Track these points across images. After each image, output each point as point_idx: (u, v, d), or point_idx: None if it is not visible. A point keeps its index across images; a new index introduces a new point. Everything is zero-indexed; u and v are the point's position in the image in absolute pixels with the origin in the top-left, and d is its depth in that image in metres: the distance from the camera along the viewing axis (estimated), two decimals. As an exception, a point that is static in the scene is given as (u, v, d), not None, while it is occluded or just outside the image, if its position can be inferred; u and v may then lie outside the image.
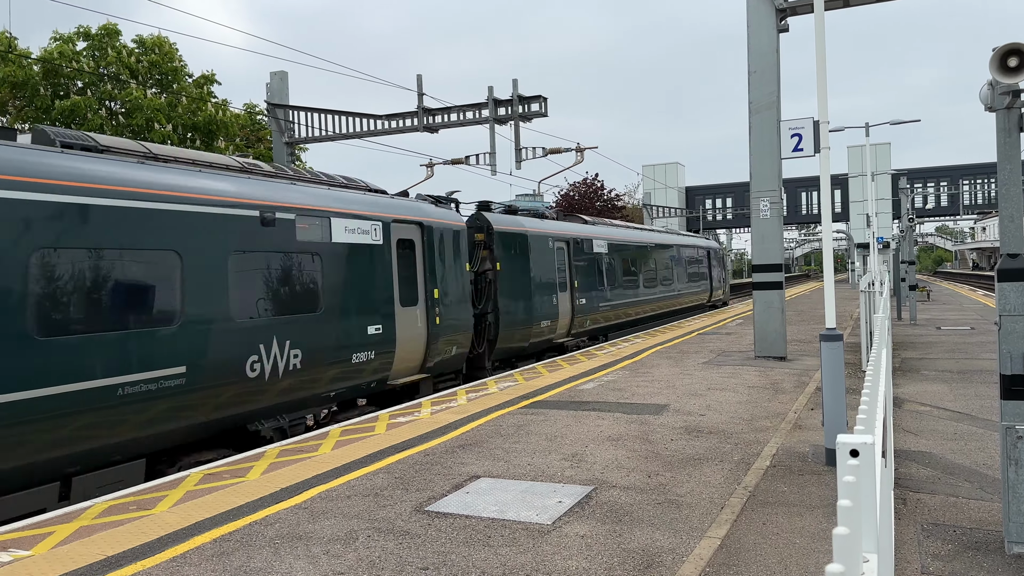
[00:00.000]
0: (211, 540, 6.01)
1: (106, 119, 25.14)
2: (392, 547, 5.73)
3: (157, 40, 26.86)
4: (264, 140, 32.15)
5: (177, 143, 26.02)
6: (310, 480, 7.75)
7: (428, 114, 27.32)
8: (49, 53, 24.94)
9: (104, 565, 5.53)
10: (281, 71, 29.46)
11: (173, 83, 27.04)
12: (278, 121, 29.14)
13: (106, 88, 25.21)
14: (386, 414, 11.57)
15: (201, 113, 26.81)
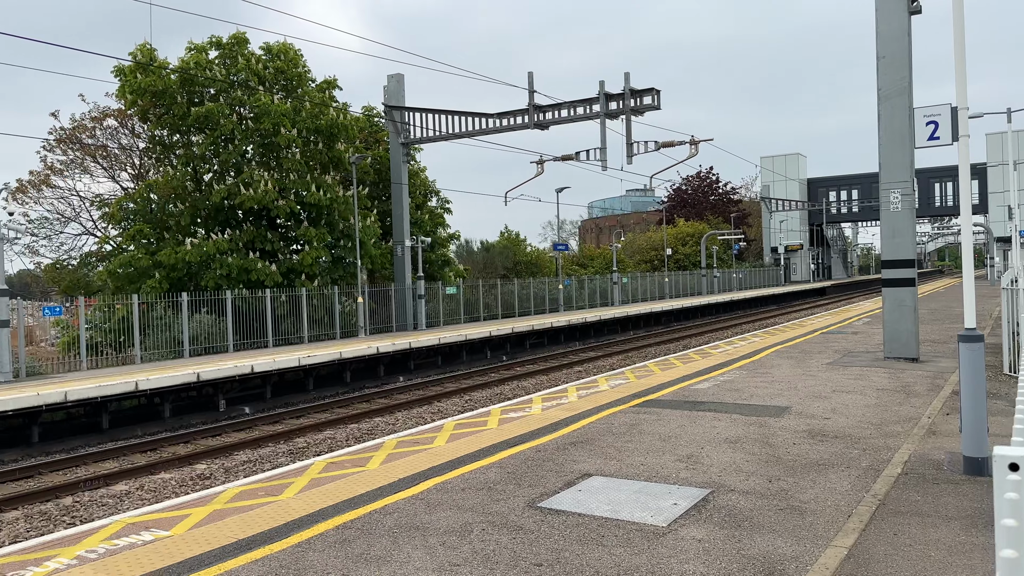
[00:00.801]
0: (334, 527, 6.24)
1: (236, 124, 26.58)
2: (506, 542, 5.76)
3: (283, 47, 28.13)
4: (381, 142, 33.14)
5: (301, 146, 27.20)
6: (426, 472, 7.91)
7: (539, 111, 27.39)
8: (185, 63, 26.60)
9: (235, 548, 5.84)
10: (398, 74, 30.29)
11: (297, 88, 28.25)
12: (394, 123, 29.99)
13: (236, 94, 26.65)
14: (498, 409, 11.69)
15: (323, 117, 27.88)
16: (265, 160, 27.45)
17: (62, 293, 30.16)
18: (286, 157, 26.85)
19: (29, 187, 30.13)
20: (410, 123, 30.02)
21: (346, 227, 28.71)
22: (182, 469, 12.71)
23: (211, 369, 17.90)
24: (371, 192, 31.63)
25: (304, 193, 26.96)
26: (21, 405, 14.30)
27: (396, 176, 30.21)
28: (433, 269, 34.60)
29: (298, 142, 27.04)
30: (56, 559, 5.74)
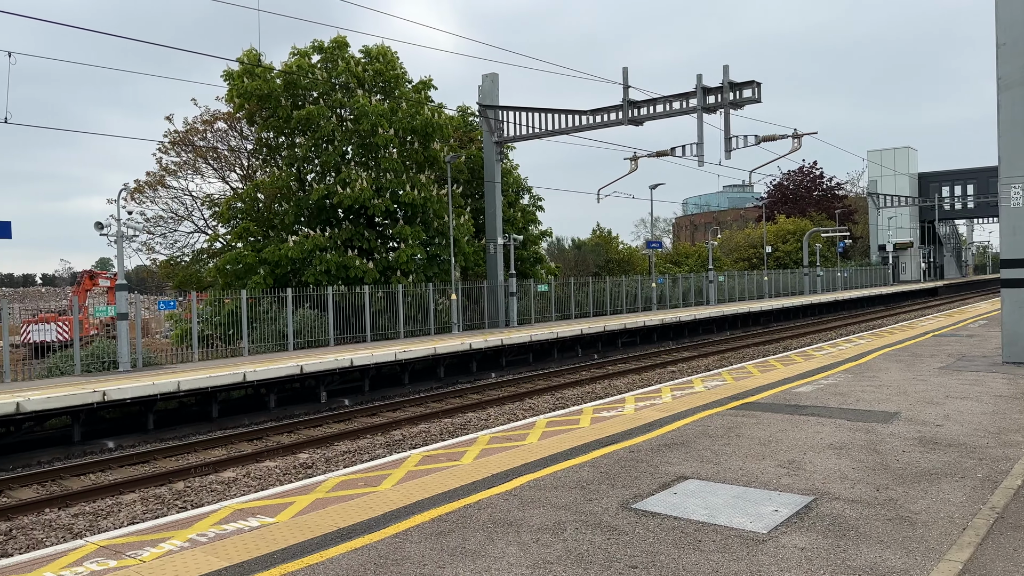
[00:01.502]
0: (430, 519, 6.34)
1: (336, 126, 27.42)
2: (600, 542, 5.72)
3: (381, 50, 28.83)
4: (475, 141, 33.50)
5: (397, 146, 27.81)
6: (519, 468, 7.95)
7: (633, 106, 27.07)
8: (289, 67, 27.63)
9: (336, 536, 6.02)
10: (492, 73, 30.55)
11: (395, 89, 28.91)
12: (489, 121, 30.25)
13: (337, 97, 27.50)
14: (590, 407, 11.62)
15: (419, 117, 28.41)
16: (363, 160, 28.20)
17: (175, 288, 31.90)
18: (383, 157, 27.51)
19: (146, 187, 31.98)
20: (504, 121, 30.22)
21: (440, 225, 29.18)
22: (286, 458, 13.22)
23: (313, 362, 18.55)
24: (465, 190, 32.04)
25: (400, 192, 27.55)
26: (138, 394, 15.21)
27: (489, 174, 30.47)
28: (525, 267, 34.73)
29: (395, 142, 27.66)
30: (170, 541, 6.06)
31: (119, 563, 5.58)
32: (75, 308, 21.07)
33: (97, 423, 15.76)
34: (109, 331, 33.26)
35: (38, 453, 14.10)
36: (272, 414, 17.79)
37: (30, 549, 8.86)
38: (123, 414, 16.34)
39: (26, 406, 13.50)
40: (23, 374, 19.42)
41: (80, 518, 10.00)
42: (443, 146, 29.69)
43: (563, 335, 26.59)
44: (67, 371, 19.21)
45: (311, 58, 28.30)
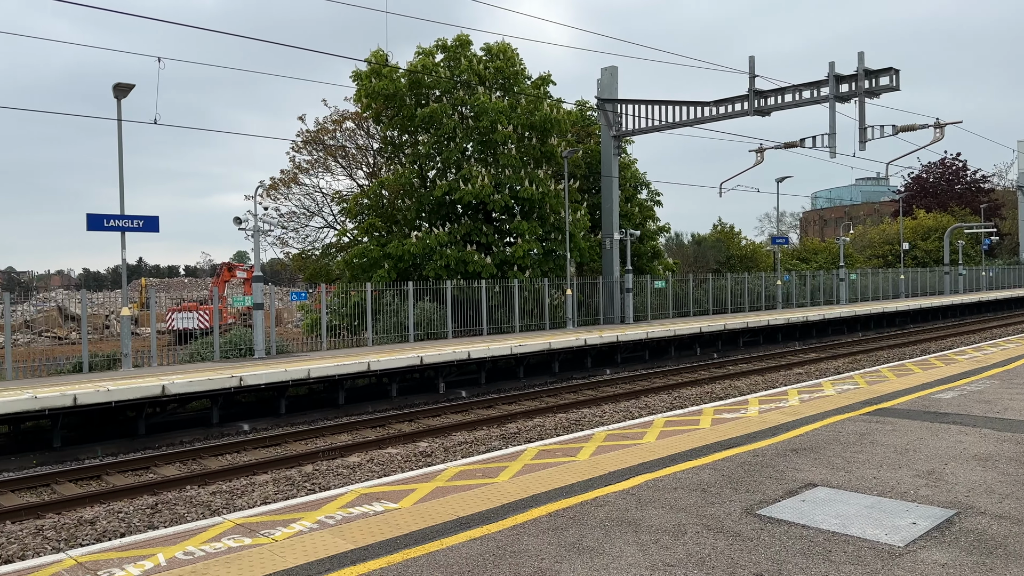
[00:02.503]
0: (547, 514, 6.34)
1: (458, 123, 27.93)
2: (722, 547, 5.54)
3: (501, 47, 29.12)
4: (593, 135, 33.28)
5: (516, 142, 28.02)
6: (636, 467, 7.83)
7: (760, 96, 26.12)
8: (413, 66, 28.35)
9: (456, 524, 6.12)
10: (611, 66, 30.24)
11: (514, 86, 29.12)
12: (607, 115, 29.98)
13: (458, 94, 27.99)
14: (711, 408, 11.31)
15: (537, 113, 28.50)
16: (483, 156, 28.58)
17: (306, 280, 33.46)
18: (502, 153, 27.78)
19: (280, 184, 33.69)
20: (622, 115, 29.86)
21: (557, 220, 29.19)
22: (406, 445, 13.60)
23: (432, 354, 19.00)
24: (581, 185, 31.90)
25: (518, 187, 27.73)
26: (272, 380, 16.05)
27: (606, 169, 30.21)
28: (641, 262, 34.21)
29: (513, 138, 27.87)
30: (300, 522, 6.35)
31: (254, 540, 5.89)
32: (215, 298, 22.48)
33: (234, 406, 16.75)
34: (245, 320, 35.35)
35: (180, 433, 15.14)
36: (394, 403, 18.35)
37: (173, 523, 9.51)
38: (257, 399, 17.29)
39: (170, 389, 14.52)
40: (168, 359, 20.90)
41: (218, 496, 10.65)
42: (560, 141, 29.67)
43: (681, 333, 26.03)
44: (207, 357, 20.52)
45: (435, 57, 28.93)
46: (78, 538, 8.94)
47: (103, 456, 13.64)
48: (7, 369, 17.33)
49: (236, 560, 5.45)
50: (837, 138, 24.38)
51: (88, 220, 18.01)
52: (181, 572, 5.24)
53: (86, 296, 20.29)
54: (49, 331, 45.37)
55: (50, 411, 13.18)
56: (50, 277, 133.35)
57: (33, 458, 13.24)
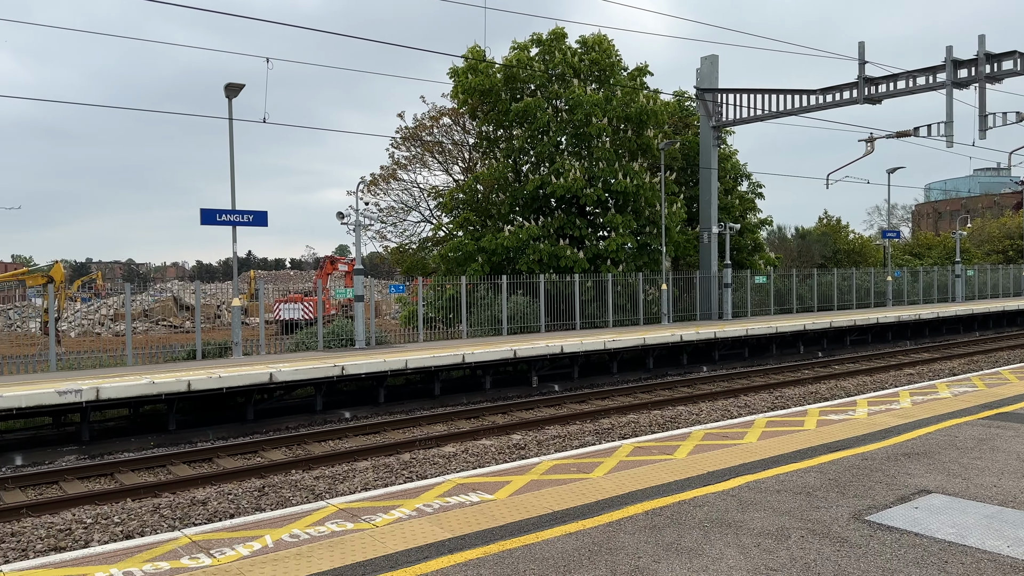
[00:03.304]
0: (643, 512, 6.25)
1: (552, 116, 27.87)
2: (828, 552, 5.32)
3: (597, 39, 28.86)
4: (691, 126, 32.57)
5: (611, 134, 27.73)
6: (736, 468, 7.62)
7: (870, 84, 24.95)
8: (509, 61, 28.46)
9: (551, 518, 6.11)
10: (711, 55, 29.49)
11: (610, 78, 28.82)
12: (706, 105, 29.28)
13: (553, 88, 27.92)
14: (816, 409, 10.89)
15: (633, 104, 28.11)
16: (576, 150, 28.44)
17: (403, 273, 34.19)
18: (596, 146, 27.56)
19: (380, 180, 34.54)
20: (722, 105, 29.10)
21: (652, 214, 28.74)
22: (500, 437, 13.71)
23: (526, 347, 19.07)
24: (678, 178, 31.28)
25: (612, 180, 27.46)
26: (372, 370, 16.48)
27: (705, 160, 29.51)
28: (741, 256, 33.29)
29: (608, 130, 27.59)
30: (399, 509, 6.48)
31: (356, 525, 6.06)
32: (318, 290, 23.28)
33: (336, 394, 17.31)
34: (346, 311, 36.46)
35: (286, 419, 15.76)
36: (487, 395, 18.53)
37: (279, 506, 9.90)
38: (358, 387, 17.81)
39: (277, 377, 15.13)
40: (275, 348, 21.78)
41: (321, 480, 11.02)
42: (657, 132, 29.16)
43: (783, 330, 25.19)
44: (311, 347, 21.27)
45: (530, 51, 28.95)
46: (191, 517, 9.43)
47: (214, 439, 14.36)
48: (127, 355, 18.46)
49: (339, 544, 5.61)
50: (954, 126, 22.98)
51: (202, 215, 18.94)
52: (287, 554, 5.44)
53: (200, 287, 21.37)
54: (165, 320, 48.12)
55: (166, 396, 13.97)
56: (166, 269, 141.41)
57: (151, 440, 14.07)
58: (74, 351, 21.05)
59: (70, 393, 12.84)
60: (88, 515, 9.44)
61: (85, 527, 8.99)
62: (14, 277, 32.60)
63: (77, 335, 41.77)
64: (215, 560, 5.34)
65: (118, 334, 38.91)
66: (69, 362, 18.63)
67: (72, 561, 5.47)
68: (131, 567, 5.26)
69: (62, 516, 9.47)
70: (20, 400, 12.44)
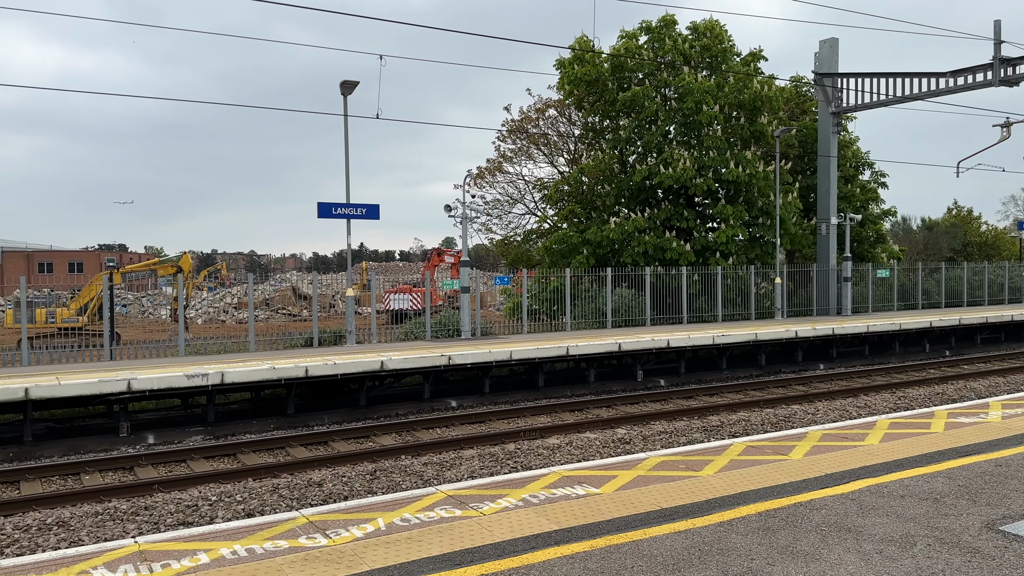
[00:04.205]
0: (756, 513, 6.05)
1: (660, 105, 27.35)
2: (958, 563, 4.98)
3: (709, 24, 28.07)
4: (808, 112, 31.24)
5: (722, 122, 26.95)
6: (856, 470, 7.26)
7: (1006, 64, 23.22)
8: (616, 50, 28.11)
9: (659, 515, 6.00)
10: (831, 38, 28.19)
11: (722, 64, 27.99)
12: (825, 90, 28.01)
13: (662, 76, 27.37)
14: (944, 411, 10.24)
15: (746, 91, 27.20)
16: (685, 139, 27.81)
17: (508, 265, 34.48)
18: (706, 134, 26.85)
19: (486, 173, 34.94)
20: (842, 90, 27.76)
21: (765, 204, 27.77)
22: (604, 431, 13.61)
23: (630, 341, 18.84)
24: (793, 166, 30.09)
25: (723, 170, 26.71)
26: (477, 360, 16.70)
27: (823, 148, 28.25)
28: (862, 249, 31.71)
29: (719, 118, 26.83)
30: (506, 498, 6.53)
31: (463, 512, 6.15)
32: (426, 281, 23.80)
33: (442, 383, 17.65)
34: (452, 302, 37.12)
35: (395, 406, 16.19)
36: (591, 388, 18.43)
37: (390, 490, 10.18)
38: (464, 377, 18.10)
39: (388, 365, 15.56)
40: (385, 336, 22.42)
41: (429, 467, 11.26)
42: (771, 119, 28.13)
43: (907, 327, 23.84)
44: (419, 336, 21.78)
45: (638, 39, 28.49)
46: (308, 498, 9.83)
47: (329, 424, 14.93)
48: (250, 342, 19.45)
49: (448, 530, 5.71)
50: (1107, 107, 21.03)
51: (319, 208, 19.70)
52: (399, 537, 5.58)
53: (316, 278, 22.27)
54: (284, 308, 50.43)
55: (285, 381, 14.62)
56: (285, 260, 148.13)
57: (271, 423, 14.77)
58: (200, 337, 22.38)
59: (197, 377, 13.64)
60: (213, 493, 10.00)
61: (210, 504, 9.54)
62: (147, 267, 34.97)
63: (203, 322, 44.40)
64: (331, 541, 5.54)
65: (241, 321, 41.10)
66: (196, 347, 19.81)
67: (199, 536, 5.80)
68: (253, 544, 5.53)
69: (189, 493, 10.07)
70: (153, 383, 13.32)
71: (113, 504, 9.54)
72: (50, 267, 76.70)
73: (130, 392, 13.19)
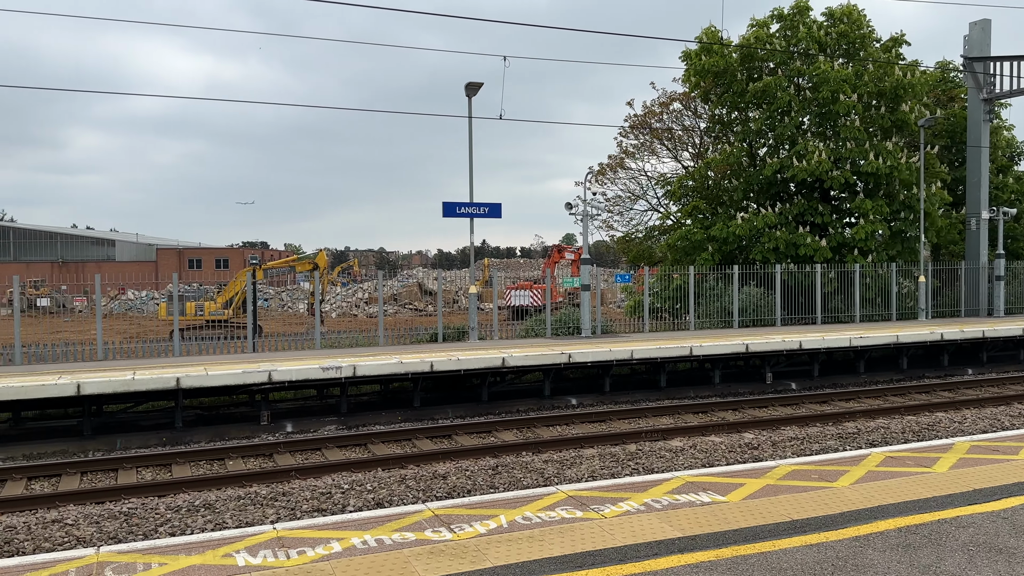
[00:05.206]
0: (895, 528, 5.70)
1: (793, 96, 26.20)
2: None
3: (846, 9, 26.60)
4: (957, 99, 29.09)
5: (860, 112, 25.51)
6: (1009, 487, 6.71)
7: None
8: (746, 39, 27.15)
9: (788, 527, 5.77)
10: (982, 20, 26.14)
11: (860, 51, 26.50)
12: (976, 76, 26.01)
13: (795, 65, 26.21)
14: (1116, 425, 9.28)
15: (887, 78, 25.63)
16: (820, 130, 26.53)
17: (629, 262, 34.08)
18: (843, 125, 25.50)
19: (607, 170, 34.67)
20: (996, 75, 25.67)
21: (907, 197, 26.08)
22: (731, 435, 13.21)
23: (759, 341, 18.19)
24: (940, 157, 28.09)
25: (861, 162, 25.26)
26: (597, 359, 16.61)
27: (974, 137, 26.23)
28: (1017, 246, 29.24)
29: (858, 108, 25.41)
30: (627, 502, 6.46)
31: (584, 514, 6.13)
32: (547, 278, 23.90)
33: (562, 380, 17.68)
34: (572, 299, 37.13)
35: (516, 402, 16.37)
36: (716, 389, 17.95)
37: (511, 486, 10.30)
38: (583, 375, 18.06)
39: (509, 362, 15.75)
40: (506, 333, 22.70)
41: (549, 464, 11.31)
42: (915, 107, 26.37)
43: (1069, 330, 21.77)
44: (539, 333, 21.91)
45: (769, 28, 27.42)
46: (433, 490, 10.10)
47: (452, 417, 15.28)
48: (379, 336, 20.19)
49: (569, 531, 5.72)
50: None
51: (444, 208, 20.19)
52: (520, 535, 5.63)
53: (441, 275, 22.83)
54: (411, 303, 52.08)
55: (412, 375, 15.09)
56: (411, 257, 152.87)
57: (398, 415, 15.28)
58: (334, 331, 23.45)
59: (331, 369, 14.30)
60: (345, 481, 10.45)
61: (343, 492, 9.97)
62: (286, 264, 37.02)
63: (337, 316, 46.53)
64: (455, 535, 5.67)
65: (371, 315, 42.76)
66: (330, 341, 20.77)
67: (332, 524, 6.08)
68: (381, 535, 5.73)
69: (324, 480, 10.57)
70: (291, 374, 14.08)
71: (254, 489, 10.16)
72: (199, 263, 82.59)
73: (270, 383, 13.99)
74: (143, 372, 13.79)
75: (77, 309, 41.04)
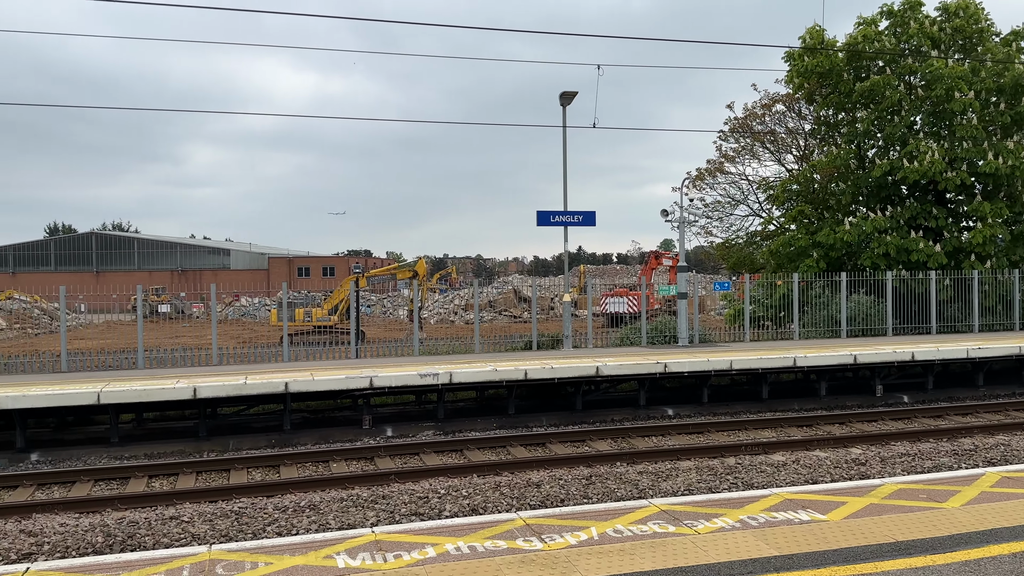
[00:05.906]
0: (1009, 554, 5.39)
1: (904, 94, 24.99)
2: None
3: (962, 3, 25.17)
4: (1089, 92, 27.01)
5: (978, 110, 24.08)
6: None
7: None
8: (853, 38, 26.09)
9: (892, 549, 5.54)
10: (1118, 4, 24.18)
11: (977, 46, 25.04)
12: (1110, 66, 24.09)
13: (905, 63, 25.00)
14: None
15: (1008, 73, 24.09)
16: (933, 130, 25.19)
17: (729, 269, 33.26)
18: (959, 124, 24.13)
19: (705, 174, 33.97)
20: None
21: (1032, 198, 24.42)
22: (836, 450, 12.72)
23: (868, 352, 17.44)
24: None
25: (979, 162, 23.82)
26: (695, 369, 16.33)
27: (1110, 134, 24.26)
28: None
29: (975, 105, 24.00)
30: (722, 518, 6.35)
31: (677, 529, 6.08)
32: (643, 285, 23.67)
33: (658, 391, 17.46)
34: (669, 307, 36.56)
35: (610, 411, 16.28)
36: (822, 402, 17.31)
37: (605, 497, 10.26)
38: (680, 385, 17.78)
39: (603, 371, 15.69)
40: (601, 340, 22.62)
41: (644, 476, 11.21)
42: (1042, 104, 24.64)
43: None
44: (635, 342, 21.71)
45: (877, 25, 26.29)
46: (526, 498, 10.19)
47: (546, 426, 15.36)
48: (475, 344, 20.51)
49: (660, 546, 5.68)
50: None
51: (538, 217, 20.34)
52: (611, 548, 5.64)
53: (536, 283, 22.99)
54: (507, 310, 52.53)
55: (506, 383, 15.27)
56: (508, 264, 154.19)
57: (493, 422, 15.48)
58: (432, 337, 23.97)
59: (429, 376, 14.65)
60: (442, 486, 10.69)
61: (439, 497, 10.20)
62: (387, 272, 38.13)
63: (436, 322, 47.49)
64: (546, 545, 5.73)
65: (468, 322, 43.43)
66: (428, 347, 21.26)
67: (427, 530, 6.25)
68: (474, 542, 5.86)
69: (421, 485, 10.84)
70: (391, 380, 14.50)
71: (356, 491, 10.53)
72: (307, 271, 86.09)
73: (372, 388, 14.47)
74: (254, 377, 14.52)
75: (194, 315, 43.52)
